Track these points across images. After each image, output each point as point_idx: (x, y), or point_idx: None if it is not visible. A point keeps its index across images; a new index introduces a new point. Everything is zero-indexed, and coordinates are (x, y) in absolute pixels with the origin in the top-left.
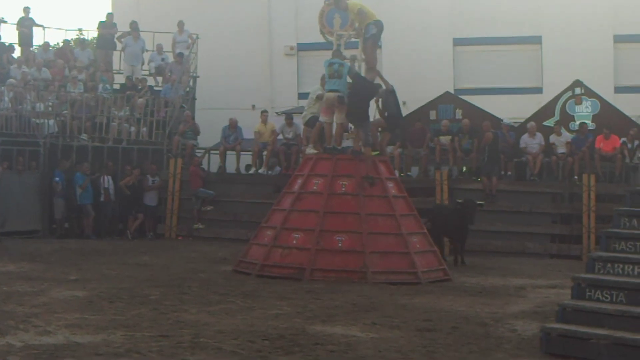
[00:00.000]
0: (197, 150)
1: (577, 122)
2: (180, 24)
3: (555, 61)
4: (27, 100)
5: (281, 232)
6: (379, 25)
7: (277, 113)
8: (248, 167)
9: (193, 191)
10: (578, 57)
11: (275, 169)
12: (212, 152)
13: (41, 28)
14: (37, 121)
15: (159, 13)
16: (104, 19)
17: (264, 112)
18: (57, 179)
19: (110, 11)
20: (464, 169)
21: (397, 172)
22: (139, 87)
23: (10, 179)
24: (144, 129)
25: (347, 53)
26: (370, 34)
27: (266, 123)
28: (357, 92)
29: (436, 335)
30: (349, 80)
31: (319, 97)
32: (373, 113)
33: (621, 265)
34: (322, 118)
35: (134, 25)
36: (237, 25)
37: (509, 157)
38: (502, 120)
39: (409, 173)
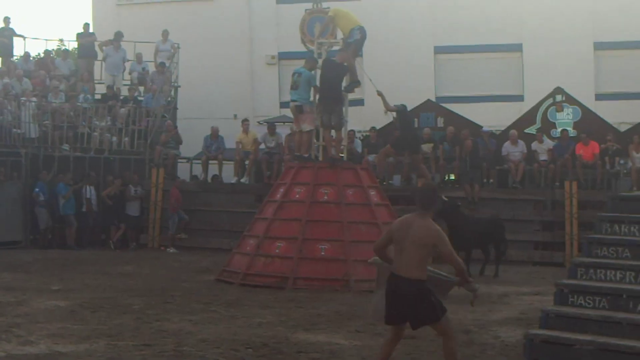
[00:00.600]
0: (179, 160)
1: (559, 129)
2: (165, 33)
3: (536, 69)
4: (8, 110)
5: (264, 241)
6: (363, 32)
7: (258, 122)
8: (214, 177)
9: (170, 214)
10: (559, 65)
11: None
12: (194, 161)
13: (22, 38)
14: (18, 131)
15: (139, 23)
16: (81, 30)
17: (245, 121)
18: (36, 189)
19: (88, 21)
20: (452, 176)
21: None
22: (121, 96)
23: None
24: (126, 139)
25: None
26: (354, 39)
27: (248, 132)
28: (327, 76)
29: (420, 342)
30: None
31: None
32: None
33: (603, 271)
34: (293, 127)
35: (118, 36)
36: (218, 34)
37: (490, 164)
38: (482, 127)
39: (390, 181)
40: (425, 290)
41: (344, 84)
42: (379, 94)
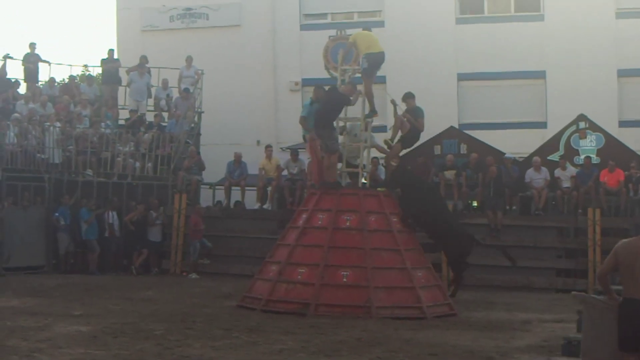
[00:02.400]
0: (202, 186)
1: (582, 157)
2: (189, 59)
3: (560, 96)
4: (32, 135)
5: (286, 267)
6: (371, 59)
7: (281, 148)
8: (237, 203)
9: (191, 242)
10: (582, 92)
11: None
12: (216, 187)
13: (47, 64)
14: (42, 156)
15: (164, 49)
16: (106, 55)
17: (268, 147)
18: (56, 214)
19: (113, 47)
20: (475, 203)
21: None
22: (146, 122)
23: (15, 214)
24: (149, 164)
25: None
26: (362, 68)
27: (271, 158)
28: (326, 101)
29: None
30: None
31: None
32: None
33: None
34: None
35: (143, 60)
36: (242, 61)
37: (513, 191)
38: (504, 154)
39: None
40: None
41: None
42: (392, 101)
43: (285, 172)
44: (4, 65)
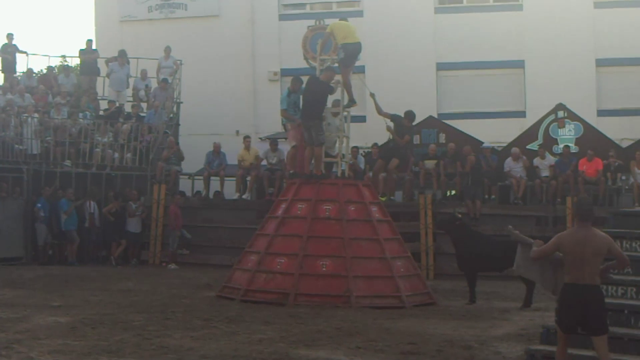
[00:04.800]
0: (181, 176)
1: (561, 146)
2: (167, 50)
3: (538, 85)
4: (10, 126)
5: (265, 257)
6: (347, 49)
7: (260, 138)
8: (217, 193)
9: (171, 231)
10: (561, 81)
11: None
12: (195, 177)
13: (25, 54)
14: (20, 147)
15: (142, 39)
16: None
17: (246, 138)
18: (38, 205)
19: (91, 38)
20: (454, 192)
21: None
22: (125, 112)
23: None
24: (128, 155)
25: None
26: (339, 58)
27: (249, 149)
28: (306, 93)
29: (420, 358)
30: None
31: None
32: None
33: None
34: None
35: (122, 54)
36: (220, 51)
37: (492, 180)
38: (482, 143)
39: (392, 197)
40: (603, 295)
41: (341, 103)
42: (371, 95)
43: (264, 162)
44: None
